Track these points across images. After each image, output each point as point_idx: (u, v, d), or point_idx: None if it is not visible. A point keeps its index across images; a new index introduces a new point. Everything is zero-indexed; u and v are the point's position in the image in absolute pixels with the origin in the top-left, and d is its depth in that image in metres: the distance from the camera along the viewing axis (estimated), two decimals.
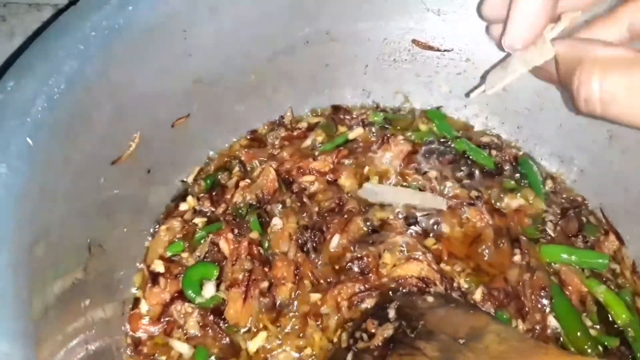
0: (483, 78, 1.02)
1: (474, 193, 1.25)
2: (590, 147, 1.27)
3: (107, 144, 0.97)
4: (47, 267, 0.77)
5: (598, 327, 1.12)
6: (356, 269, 1.12)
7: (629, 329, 1.12)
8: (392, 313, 1.03)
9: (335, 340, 1.06)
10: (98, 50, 0.89)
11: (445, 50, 1.34)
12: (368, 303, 1.09)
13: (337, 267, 1.14)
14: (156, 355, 1.04)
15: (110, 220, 1.03)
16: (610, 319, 1.14)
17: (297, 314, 1.09)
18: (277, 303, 1.09)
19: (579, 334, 1.09)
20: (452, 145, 1.34)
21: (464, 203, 1.23)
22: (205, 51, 1.12)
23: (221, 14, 1.11)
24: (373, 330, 1.01)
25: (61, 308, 0.83)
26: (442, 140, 1.35)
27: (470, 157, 1.32)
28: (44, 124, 0.79)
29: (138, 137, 1.04)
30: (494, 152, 1.35)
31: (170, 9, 1.03)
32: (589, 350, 1.07)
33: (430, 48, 1.34)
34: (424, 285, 1.10)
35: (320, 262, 1.15)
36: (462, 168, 1.30)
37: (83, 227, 0.92)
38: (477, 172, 1.31)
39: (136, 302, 1.10)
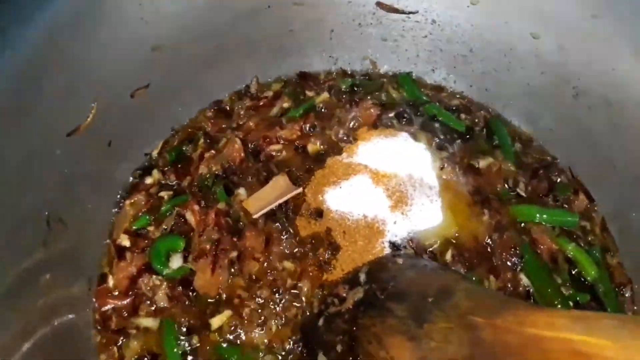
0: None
1: (445, 154, 1.24)
2: (557, 106, 1.27)
3: (62, 115, 0.95)
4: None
5: (569, 284, 1.13)
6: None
7: (599, 285, 1.13)
8: (362, 277, 1.03)
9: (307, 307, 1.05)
10: (44, 16, 0.86)
11: (410, 13, 1.32)
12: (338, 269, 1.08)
13: (307, 235, 1.13)
14: (124, 329, 1.03)
15: (71, 194, 1.00)
16: (581, 276, 1.14)
17: (269, 283, 1.07)
18: (248, 274, 1.08)
19: (549, 290, 1.10)
20: (423, 109, 1.32)
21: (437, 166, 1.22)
22: (161, 17, 1.09)
23: None
24: (344, 295, 1.01)
25: (21, 284, 0.81)
26: (411, 104, 1.34)
27: (441, 120, 1.31)
28: None
29: (95, 108, 1.01)
30: (463, 115, 1.34)
31: None
32: (559, 306, 1.07)
33: (395, 10, 1.32)
34: (394, 248, 1.10)
35: (291, 231, 1.13)
36: (433, 131, 1.28)
37: (40, 200, 0.89)
38: (448, 134, 1.29)
39: (103, 277, 1.08)
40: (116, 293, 1.06)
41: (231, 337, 1.02)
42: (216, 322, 1.02)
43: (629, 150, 1.16)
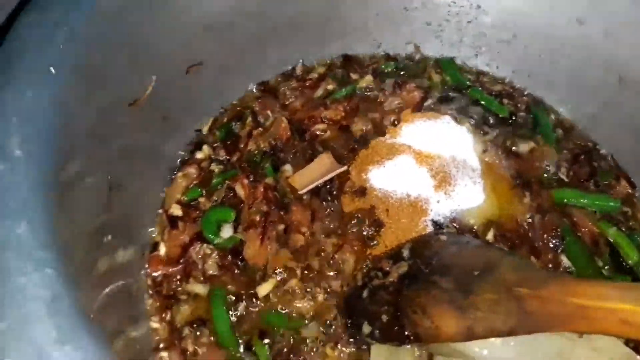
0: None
1: (488, 137, 1.25)
2: (600, 92, 1.28)
3: (125, 85, 0.99)
4: (73, 194, 0.79)
5: (609, 267, 1.14)
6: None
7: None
8: (406, 252, 1.06)
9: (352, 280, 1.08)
10: None
11: None
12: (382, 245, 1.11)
13: (351, 211, 1.15)
14: (175, 294, 1.07)
15: (130, 162, 1.04)
16: (622, 260, 1.15)
17: (315, 256, 1.10)
18: (294, 247, 1.11)
19: (590, 272, 1.11)
20: (465, 93, 1.35)
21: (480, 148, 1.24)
22: None
23: None
24: (388, 269, 1.03)
25: (86, 242, 0.86)
26: (454, 88, 1.36)
27: (483, 104, 1.33)
28: (66, 54, 0.81)
29: (154, 81, 1.05)
30: (505, 100, 1.36)
31: None
32: None
33: None
34: (437, 227, 1.12)
35: (335, 207, 1.16)
36: (475, 115, 1.30)
37: (105, 164, 0.93)
38: (490, 119, 1.31)
39: (155, 245, 1.12)
40: (167, 260, 1.10)
41: (277, 306, 1.05)
42: (263, 290, 1.05)
43: None
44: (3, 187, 0.68)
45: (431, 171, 1.18)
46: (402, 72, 1.39)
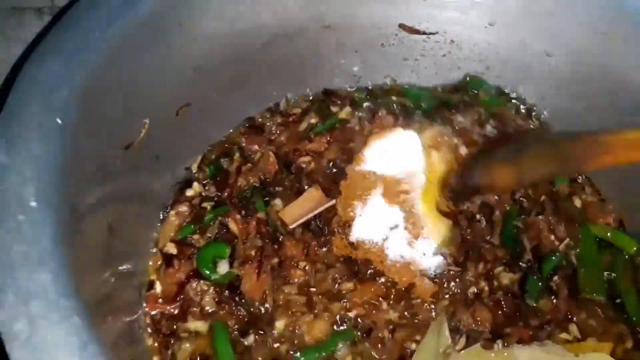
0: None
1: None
2: (570, 119, 1.35)
3: (120, 130, 1.01)
4: (83, 241, 0.81)
5: None
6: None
7: None
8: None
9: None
10: (104, 43, 0.93)
11: (430, 34, 1.40)
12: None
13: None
14: (175, 332, 1.08)
15: (124, 204, 1.06)
16: None
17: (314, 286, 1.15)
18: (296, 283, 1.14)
19: None
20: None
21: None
22: (202, 41, 1.16)
23: (218, 6, 1.16)
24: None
25: (96, 287, 0.88)
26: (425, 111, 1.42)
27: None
28: (70, 106, 0.83)
29: (147, 123, 1.08)
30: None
31: (166, 4, 1.07)
32: None
33: (417, 32, 1.40)
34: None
35: (328, 244, 1.19)
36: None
37: (104, 208, 0.96)
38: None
39: (151, 283, 1.14)
40: (164, 298, 1.12)
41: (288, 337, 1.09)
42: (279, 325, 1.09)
43: None
44: (23, 239, 0.70)
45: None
46: (378, 101, 1.43)
